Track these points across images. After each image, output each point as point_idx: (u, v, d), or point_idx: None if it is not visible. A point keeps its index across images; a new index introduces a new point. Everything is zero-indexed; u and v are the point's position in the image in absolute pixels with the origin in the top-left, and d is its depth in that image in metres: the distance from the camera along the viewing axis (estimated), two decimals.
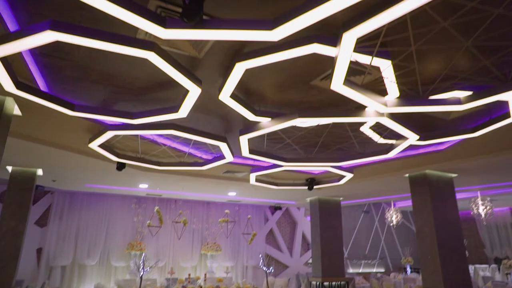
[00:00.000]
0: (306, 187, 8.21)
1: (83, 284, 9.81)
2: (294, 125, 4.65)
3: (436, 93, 3.88)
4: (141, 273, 7.44)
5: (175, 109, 4.20)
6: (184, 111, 4.16)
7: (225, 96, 3.91)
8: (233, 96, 4.07)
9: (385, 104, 3.78)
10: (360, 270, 14.03)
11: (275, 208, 12.58)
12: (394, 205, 14.63)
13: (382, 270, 14.48)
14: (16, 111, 4.64)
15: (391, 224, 12.41)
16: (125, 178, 8.09)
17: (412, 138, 4.82)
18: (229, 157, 5.95)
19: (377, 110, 3.98)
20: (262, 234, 12.80)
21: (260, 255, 9.48)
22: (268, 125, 4.50)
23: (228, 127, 5.62)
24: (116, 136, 5.41)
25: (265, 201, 11.79)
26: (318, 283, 9.64)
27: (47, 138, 5.40)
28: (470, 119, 5.05)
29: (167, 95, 4.50)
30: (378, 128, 4.91)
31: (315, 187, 8.39)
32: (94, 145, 5.34)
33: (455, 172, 7.17)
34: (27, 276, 9.48)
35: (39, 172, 7.55)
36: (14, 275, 6.77)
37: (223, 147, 5.40)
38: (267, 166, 6.80)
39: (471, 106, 3.63)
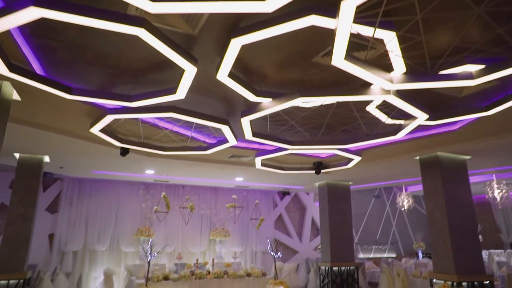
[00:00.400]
0: (314, 171, 8.07)
1: (95, 269, 9.95)
2: (296, 105, 4.49)
3: (445, 68, 3.65)
4: (149, 258, 7.47)
5: (173, 90, 4.08)
6: (182, 92, 4.03)
7: (223, 75, 3.77)
8: (232, 76, 3.92)
9: (391, 81, 3.58)
10: (371, 255, 13.93)
11: (283, 193, 12.48)
12: (406, 189, 14.38)
13: (394, 255, 14.36)
14: (15, 96, 4.59)
15: (403, 209, 12.21)
16: (130, 164, 8.07)
17: (421, 117, 4.60)
18: (232, 141, 5.83)
19: (382, 87, 3.79)
20: (271, 219, 12.75)
21: (268, 240, 9.42)
22: (269, 106, 4.35)
23: (230, 110, 5.49)
24: (117, 120, 5.33)
25: (273, 186, 11.68)
26: (327, 268, 9.57)
27: (47, 123, 5.36)
28: (484, 96, 4.79)
29: (165, 76, 4.38)
30: (385, 107, 4.70)
31: (323, 171, 8.24)
32: (95, 130, 5.27)
33: (468, 154, 6.90)
34: (40, 260, 9.66)
35: (46, 159, 7.58)
36: (26, 258, 6.88)
37: (225, 130, 5.27)
38: (272, 150, 6.66)
39: (484, 80, 3.40)
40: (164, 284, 7.67)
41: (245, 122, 4.86)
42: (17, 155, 7.23)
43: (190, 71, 3.56)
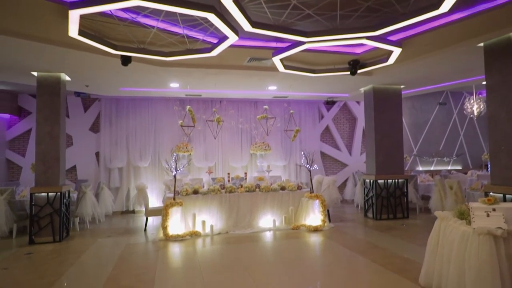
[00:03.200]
0: (349, 73, 6.83)
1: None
2: None
3: None
4: (174, 173, 7.33)
5: None
6: None
7: None
8: None
9: None
10: (432, 168, 12.67)
11: (327, 103, 11.30)
12: (480, 93, 12.29)
13: (459, 167, 12.90)
14: None
15: (471, 116, 10.46)
16: (149, 76, 7.60)
17: None
18: (231, 36, 4.87)
19: None
20: (316, 131, 11.90)
21: (302, 152, 8.69)
22: None
23: None
24: (94, 21, 4.66)
25: (314, 95, 10.55)
26: (371, 181, 8.75)
27: (27, 31, 4.87)
28: None
29: None
30: None
31: (362, 71, 6.93)
32: (73, 33, 4.69)
33: None
34: (91, 176, 10.30)
35: (65, 77, 7.43)
36: (59, 174, 7.16)
37: (214, 19, 4.31)
38: (288, 46, 5.57)
39: None
40: (193, 198, 7.59)
41: (229, 3, 3.84)
42: (35, 74, 7.13)
43: None
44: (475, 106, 10.33)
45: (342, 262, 5.41)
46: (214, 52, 5.53)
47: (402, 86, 8.83)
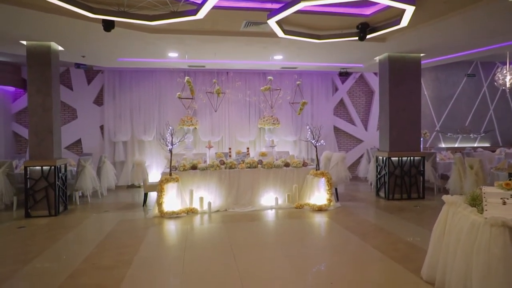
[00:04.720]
0: (357, 38, 6.09)
1: (144, 157, 10.09)
2: None
3: None
4: (169, 147, 6.96)
5: None
6: None
7: None
8: None
9: None
10: (456, 145, 11.76)
11: (340, 74, 10.46)
12: None
13: (487, 144, 11.92)
14: None
15: (503, 88, 9.42)
16: (143, 45, 7.13)
17: None
18: None
19: None
20: (330, 105, 11.18)
21: (308, 127, 8.08)
22: None
23: None
24: None
25: (326, 65, 9.73)
26: (384, 158, 8.09)
27: None
28: None
29: None
30: None
31: (372, 36, 6.17)
32: None
33: None
34: (96, 150, 10.14)
35: (57, 46, 7.09)
36: (52, 147, 6.95)
37: None
38: (282, 6, 4.92)
39: None
40: (191, 173, 7.24)
41: None
42: (24, 43, 6.82)
43: None
44: (508, 76, 9.28)
45: (340, 248, 4.92)
46: (201, 14, 4.96)
47: (421, 55, 7.94)
